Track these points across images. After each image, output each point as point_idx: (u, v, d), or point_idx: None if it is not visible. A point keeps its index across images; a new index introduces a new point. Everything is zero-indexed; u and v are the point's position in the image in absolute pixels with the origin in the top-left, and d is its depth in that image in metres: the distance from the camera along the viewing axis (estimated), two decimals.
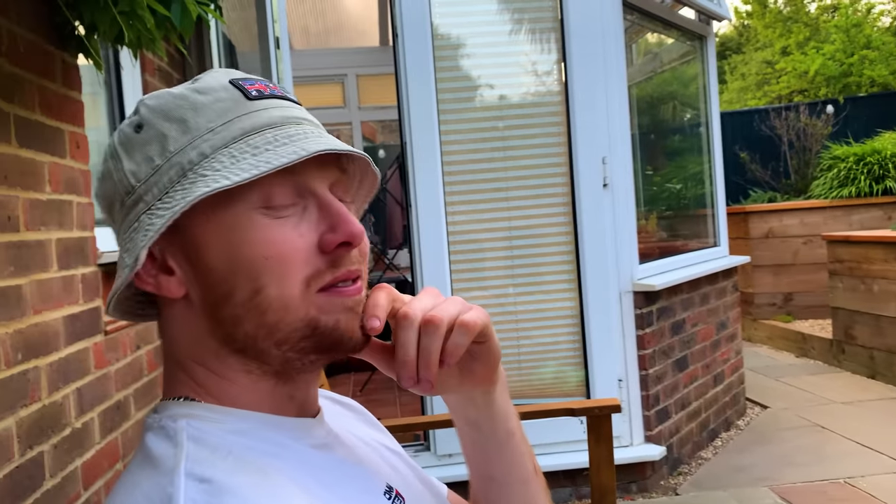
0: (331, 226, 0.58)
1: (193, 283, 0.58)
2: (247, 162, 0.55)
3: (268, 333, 0.57)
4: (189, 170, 0.56)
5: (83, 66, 1.63)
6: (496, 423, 0.70)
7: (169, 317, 0.61)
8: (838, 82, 10.69)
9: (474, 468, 0.74)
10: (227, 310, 0.57)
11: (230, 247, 0.56)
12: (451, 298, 0.62)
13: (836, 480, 3.03)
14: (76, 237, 1.54)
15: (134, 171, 0.58)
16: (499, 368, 0.67)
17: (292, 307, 0.57)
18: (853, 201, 5.87)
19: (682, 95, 4.47)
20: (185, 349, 0.60)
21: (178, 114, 0.58)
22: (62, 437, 1.40)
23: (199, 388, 0.60)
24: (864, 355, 4.65)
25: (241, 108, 0.58)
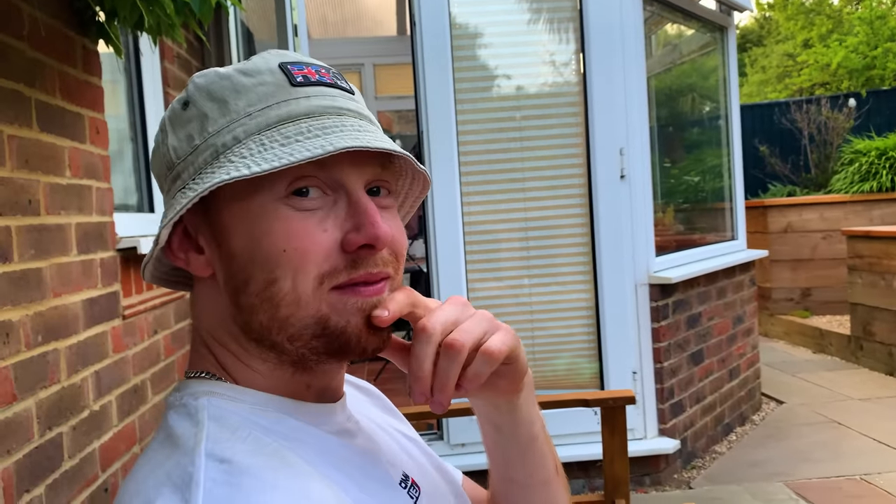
0: (356, 225, 0.56)
1: (218, 265, 0.59)
2: (273, 152, 0.54)
3: (280, 327, 0.56)
4: (221, 153, 0.56)
5: (103, 53, 1.64)
6: (519, 428, 0.68)
7: (198, 293, 0.62)
8: (861, 75, 10.53)
9: (495, 468, 0.73)
10: (244, 298, 0.57)
11: (251, 235, 0.56)
12: (478, 315, 0.59)
13: (853, 477, 3.01)
14: (95, 222, 1.55)
15: (176, 147, 0.59)
16: (522, 379, 0.64)
17: (303, 303, 0.56)
18: (874, 196, 5.79)
19: (701, 87, 4.42)
20: (210, 327, 0.61)
21: (220, 94, 0.58)
22: (80, 419, 1.42)
23: (221, 367, 0.61)
24: (883, 352, 4.59)
25: (282, 94, 0.57)
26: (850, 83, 10.63)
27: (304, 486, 0.51)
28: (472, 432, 2.94)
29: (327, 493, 0.53)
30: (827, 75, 11.23)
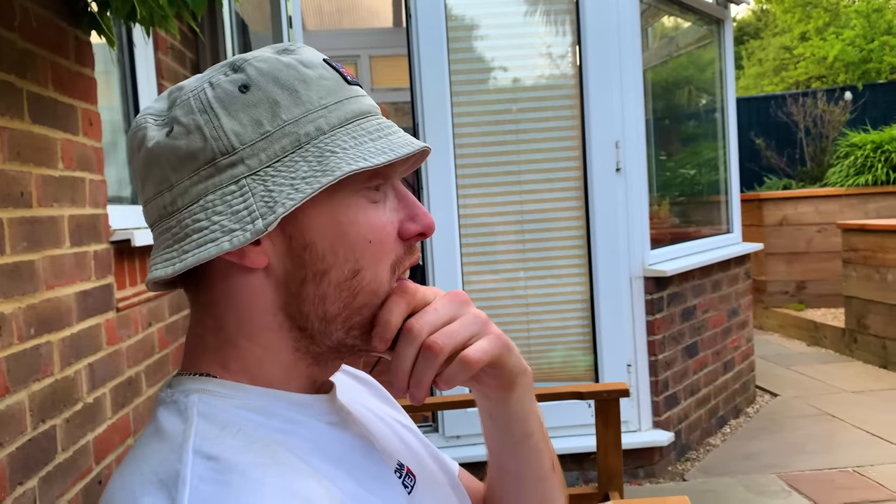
0: (410, 215, 0.61)
1: (283, 256, 0.57)
2: (369, 146, 0.57)
3: (349, 316, 0.58)
4: (306, 143, 0.56)
5: (96, 44, 1.63)
6: (511, 423, 0.69)
7: (233, 289, 0.58)
8: (857, 68, 10.54)
9: (491, 456, 0.74)
10: (314, 288, 0.57)
11: (338, 226, 0.57)
12: (470, 317, 0.61)
13: (845, 469, 3.03)
14: (89, 214, 1.55)
15: (238, 131, 0.55)
16: (520, 380, 0.66)
17: (381, 292, 0.59)
18: (869, 189, 5.80)
19: (697, 80, 4.42)
20: (241, 323, 0.59)
21: (289, 83, 0.57)
22: (74, 411, 1.42)
23: (227, 366, 0.59)
24: (877, 345, 4.62)
25: (344, 91, 0.59)
26: (846, 76, 10.63)
27: (294, 484, 0.51)
28: (467, 424, 2.95)
29: (318, 489, 0.52)
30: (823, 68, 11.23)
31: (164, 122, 0.58)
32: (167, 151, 0.57)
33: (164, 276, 0.56)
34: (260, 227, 0.54)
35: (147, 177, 0.59)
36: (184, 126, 0.57)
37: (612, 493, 1.79)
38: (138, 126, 0.60)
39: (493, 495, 0.77)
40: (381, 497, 0.59)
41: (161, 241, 0.58)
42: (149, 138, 0.58)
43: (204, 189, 0.56)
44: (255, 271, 0.58)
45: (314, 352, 0.60)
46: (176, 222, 0.57)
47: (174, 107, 0.58)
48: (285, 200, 0.54)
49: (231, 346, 0.60)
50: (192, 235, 0.56)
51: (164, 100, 0.61)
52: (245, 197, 0.55)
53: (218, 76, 0.58)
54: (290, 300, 0.58)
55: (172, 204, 0.57)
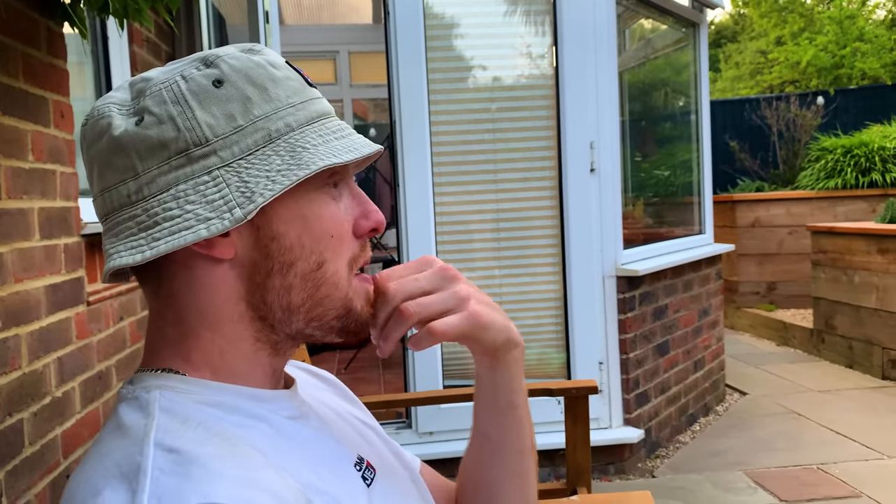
0: (363, 213, 0.64)
1: (250, 247, 0.59)
2: (335, 144, 0.60)
3: (312, 306, 0.61)
4: (277, 138, 0.58)
5: (70, 35, 1.62)
6: (497, 391, 0.74)
7: (195, 279, 0.59)
8: (830, 74, 10.72)
9: (475, 420, 0.77)
10: (280, 279, 0.60)
11: (304, 220, 0.60)
12: (450, 293, 0.65)
13: (810, 466, 3.09)
14: (59, 207, 1.53)
15: (211, 124, 0.57)
16: (505, 354, 0.71)
17: (341, 286, 0.62)
18: (839, 193, 5.91)
19: (673, 82, 4.47)
20: (203, 314, 0.60)
21: (259, 81, 0.60)
22: (42, 405, 1.41)
23: (190, 358, 0.60)
24: (843, 345, 4.72)
25: (307, 93, 0.62)
26: (818, 81, 10.81)
27: (253, 475, 0.52)
28: (440, 421, 2.97)
29: (277, 480, 0.53)
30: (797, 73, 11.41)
31: (132, 112, 0.59)
32: (136, 140, 0.58)
33: (131, 263, 0.57)
34: (239, 215, 0.56)
35: (109, 165, 0.59)
36: (155, 116, 0.58)
37: (579, 488, 1.82)
38: (101, 114, 0.60)
39: (470, 463, 0.79)
40: (341, 489, 0.61)
41: (123, 230, 0.58)
42: (115, 126, 0.58)
43: (175, 178, 0.57)
44: (220, 262, 0.59)
45: (273, 341, 0.63)
46: (142, 210, 0.57)
47: (142, 97, 0.59)
48: (263, 191, 0.57)
49: (193, 338, 0.61)
50: (162, 223, 0.56)
51: (126, 90, 0.61)
52: (220, 187, 0.57)
53: (190, 70, 0.60)
54: (254, 290, 0.60)
55: (138, 192, 0.58)
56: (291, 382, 0.68)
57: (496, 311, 0.69)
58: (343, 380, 0.86)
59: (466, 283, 0.67)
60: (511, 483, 0.77)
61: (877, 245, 4.41)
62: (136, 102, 0.59)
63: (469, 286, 0.67)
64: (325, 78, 6.28)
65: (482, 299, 0.68)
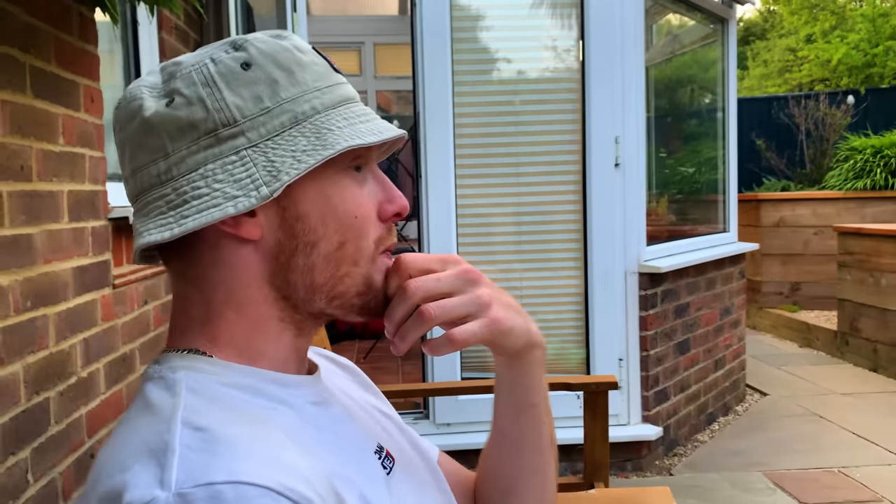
0: (388, 197, 0.65)
1: (276, 228, 0.60)
2: (360, 127, 0.61)
3: (334, 285, 0.62)
4: (303, 120, 0.59)
5: (100, 22, 1.63)
6: (515, 391, 0.74)
7: (222, 260, 0.60)
8: (861, 72, 10.53)
9: (495, 417, 0.78)
10: (304, 258, 0.61)
11: (328, 200, 0.61)
12: (471, 297, 0.64)
13: (830, 469, 3.06)
14: (88, 190, 1.56)
15: (240, 105, 0.58)
16: (524, 355, 0.70)
17: (362, 263, 0.63)
18: (867, 194, 5.81)
19: (700, 79, 4.42)
20: (229, 294, 0.61)
21: (286, 64, 0.60)
22: (68, 384, 1.43)
23: (216, 340, 0.61)
24: (868, 348, 4.65)
25: (333, 77, 0.63)
26: (849, 80, 10.62)
27: (280, 455, 0.53)
28: (458, 412, 2.97)
29: (302, 462, 0.54)
30: (827, 71, 11.23)
31: (163, 94, 0.60)
32: (166, 121, 0.59)
33: (159, 240, 0.58)
34: (265, 193, 0.57)
35: (141, 145, 0.60)
36: (185, 97, 0.59)
37: (597, 483, 1.81)
38: (133, 97, 0.61)
39: (490, 456, 0.80)
40: (362, 476, 0.61)
41: (153, 209, 0.59)
42: (146, 108, 0.60)
43: (203, 158, 0.58)
44: (246, 243, 0.60)
45: (297, 321, 0.63)
46: (171, 190, 0.59)
47: (173, 79, 0.60)
48: (289, 170, 0.58)
49: (218, 319, 0.61)
50: (191, 202, 0.58)
51: (158, 74, 0.63)
52: (247, 166, 0.58)
53: (219, 53, 0.61)
54: (278, 271, 0.61)
55: (167, 172, 0.59)
56: (315, 368, 0.69)
57: (518, 313, 0.68)
58: (362, 369, 0.87)
59: (489, 285, 0.66)
60: (530, 479, 0.78)
61: None
62: (167, 85, 0.61)
63: (491, 289, 0.66)
64: (350, 69, 6.29)
65: (504, 301, 0.67)
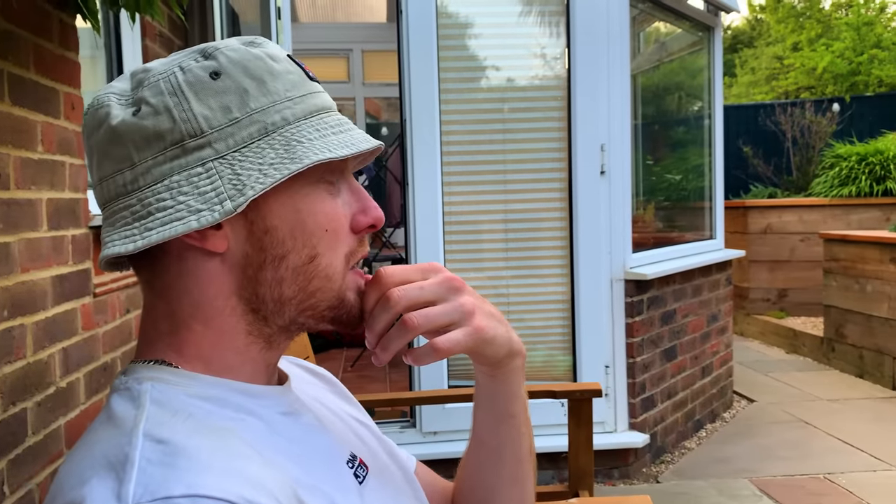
0: (362, 208, 0.64)
1: (243, 240, 0.59)
2: (332, 139, 0.60)
3: (304, 298, 0.61)
4: (273, 131, 0.58)
5: (84, 29, 1.62)
6: (495, 400, 0.73)
7: (188, 272, 0.59)
8: (846, 80, 10.64)
9: (474, 425, 0.77)
10: (272, 272, 0.59)
11: (298, 213, 0.60)
12: (455, 305, 0.63)
13: (816, 475, 3.07)
14: (68, 198, 1.54)
15: (207, 115, 0.57)
16: (505, 364, 0.70)
17: (334, 279, 0.62)
18: (853, 201, 5.86)
19: (687, 86, 4.45)
20: (195, 306, 0.60)
21: (257, 73, 0.59)
22: (46, 395, 1.42)
23: (182, 351, 0.60)
24: (854, 354, 4.67)
25: (307, 86, 0.62)
26: (834, 88, 10.73)
27: (242, 467, 0.52)
28: (445, 421, 2.96)
29: (265, 473, 0.53)
30: (813, 79, 11.33)
31: (130, 102, 0.59)
32: (132, 130, 0.58)
33: (123, 252, 0.57)
34: (229, 207, 0.56)
35: (107, 154, 0.59)
36: (152, 107, 0.58)
37: (581, 491, 1.81)
38: (100, 104, 0.60)
39: (468, 466, 0.79)
40: (332, 486, 0.60)
41: (118, 219, 0.59)
42: (112, 116, 0.59)
43: (169, 169, 0.57)
44: (212, 255, 0.59)
45: (266, 334, 0.62)
46: (136, 200, 0.58)
47: (141, 87, 0.59)
48: (254, 184, 0.56)
49: (185, 331, 0.61)
50: (155, 214, 0.57)
51: (127, 80, 0.61)
52: (212, 179, 0.57)
53: (188, 61, 0.60)
54: (246, 284, 0.60)
55: (133, 182, 0.58)
56: (285, 378, 0.68)
57: (500, 322, 0.68)
58: (349, 377, 0.86)
59: (471, 293, 0.66)
60: (508, 489, 0.77)
61: (890, 254, 4.37)
62: (135, 93, 0.60)
63: (474, 297, 0.66)
64: (338, 76, 6.29)
65: (486, 309, 0.67)
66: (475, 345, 0.65)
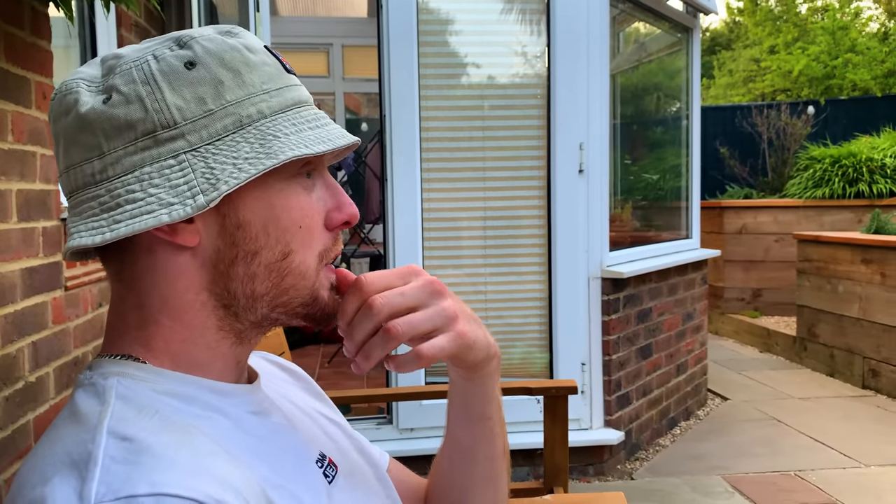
0: (337, 205, 0.63)
1: (215, 235, 0.58)
2: (308, 134, 0.59)
3: (276, 295, 0.60)
4: (248, 125, 0.57)
5: (58, 18, 1.59)
6: (470, 402, 0.72)
7: (158, 265, 0.58)
8: (821, 84, 10.79)
9: (448, 424, 0.76)
10: (244, 267, 0.58)
11: (272, 209, 0.59)
12: (437, 310, 0.62)
13: (787, 472, 3.11)
14: (38, 189, 1.51)
15: (180, 106, 0.56)
16: (482, 367, 0.69)
17: (308, 276, 0.61)
18: (826, 202, 5.95)
19: (665, 87, 4.49)
20: (164, 300, 0.59)
21: (233, 64, 0.58)
22: (14, 389, 1.39)
23: (150, 346, 0.59)
24: (825, 353, 4.75)
25: (284, 79, 0.61)
26: (809, 91, 10.88)
27: (208, 465, 0.51)
28: (422, 417, 2.96)
29: (232, 471, 0.52)
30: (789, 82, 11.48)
31: (100, 89, 0.58)
32: (102, 119, 0.56)
33: (89, 244, 0.55)
34: (202, 202, 0.55)
35: (75, 142, 0.58)
36: (123, 95, 0.56)
37: (556, 488, 1.82)
38: (68, 90, 0.58)
39: (442, 465, 0.79)
40: (300, 485, 0.60)
41: (85, 209, 0.57)
42: (81, 103, 0.57)
43: (140, 160, 0.56)
44: (183, 250, 0.58)
45: (237, 329, 0.61)
46: (105, 191, 0.56)
47: (112, 74, 0.58)
48: (228, 179, 0.55)
49: (153, 325, 0.59)
50: (124, 206, 0.55)
51: (98, 66, 0.60)
52: (185, 172, 0.55)
53: (162, 49, 0.58)
54: (218, 279, 0.59)
55: (102, 172, 0.57)
56: (255, 377, 0.67)
57: (478, 325, 0.67)
58: (325, 374, 0.86)
59: (452, 297, 0.65)
60: (482, 489, 0.77)
61: (861, 255, 4.44)
62: (106, 80, 0.58)
63: (454, 301, 0.65)
64: (318, 70, 6.25)
65: (466, 313, 0.66)
66: (458, 350, 0.64)
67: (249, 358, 0.67)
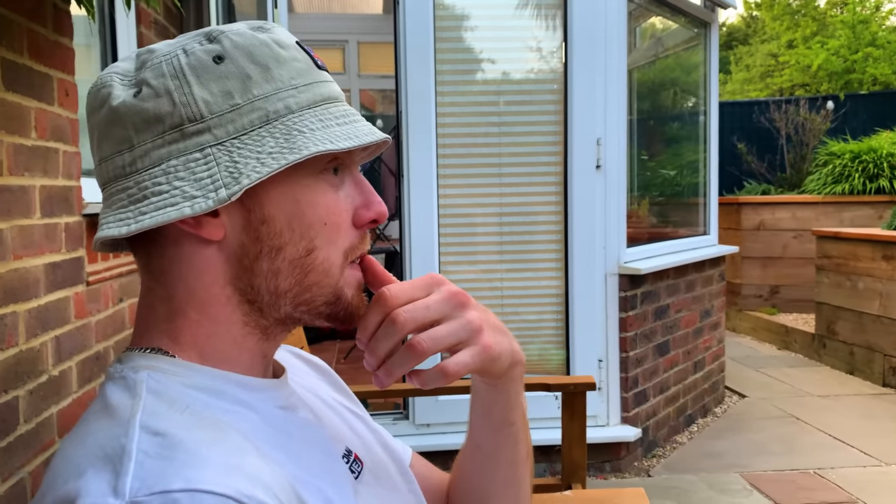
0: (365, 202, 0.62)
1: (240, 230, 0.58)
2: (335, 130, 0.58)
3: (300, 292, 0.60)
4: (275, 119, 0.57)
5: (78, 16, 1.61)
6: (494, 406, 0.71)
7: (184, 258, 0.59)
8: (840, 78, 10.66)
9: (470, 430, 0.76)
10: (268, 263, 0.58)
11: (297, 205, 0.58)
12: (462, 322, 0.61)
13: (806, 471, 3.09)
14: (61, 185, 1.53)
15: (208, 100, 0.56)
16: (506, 375, 0.68)
17: (332, 274, 0.60)
18: (846, 198, 5.88)
19: (683, 82, 4.45)
20: (191, 293, 0.59)
21: (262, 59, 0.58)
22: (38, 383, 1.41)
23: (178, 339, 0.59)
24: (845, 351, 4.70)
25: (314, 75, 0.60)
26: (829, 85, 10.76)
27: (239, 461, 0.51)
28: (439, 413, 2.97)
29: (264, 468, 0.52)
30: (807, 77, 11.35)
31: (132, 83, 0.58)
32: (132, 112, 0.57)
33: (116, 235, 0.56)
34: (223, 196, 0.55)
35: (107, 135, 0.58)
36: (153, 89, 0.57)
37: (574, 484, 1.81)
38: (103, 83, 0.59)
39: (464, 467, 0.78)
40: (328, 481, 0.60)
41: (115, 201, 0.58)
42: (114, 96, 0.58)
43: (167, 153, 0.57)
44: (209, 243, 0.58)
45: (263, 325, 0.61)
46: (134, 183, 0.57)
47: (144, 68, 0.58)
48: (251, 173, 0.55)
49: (181, 318, 0.60)
50: (150, 198, 0.56)
51: (132, 60, 0.60)
52: (209, 165, 0.56)
53: (192, 44, 0.59)
54: (242, 274, 0.59)
55: (132, 165, 0.57)
56: (281, 371, 0.67)
57: (504, 334, 0.66)
58: (342, 369, 0.86)
59: (476, 307, 0.63)
60: (504, 492, 0.77)
61: (882, 252, 4.39)
62: (138, 74, 0.59)
63: (479, 311, 0.63)
64: (334, 67, 6.26)
65: (491, 323, 0.65)
66: (483, 364, 0.63)
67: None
